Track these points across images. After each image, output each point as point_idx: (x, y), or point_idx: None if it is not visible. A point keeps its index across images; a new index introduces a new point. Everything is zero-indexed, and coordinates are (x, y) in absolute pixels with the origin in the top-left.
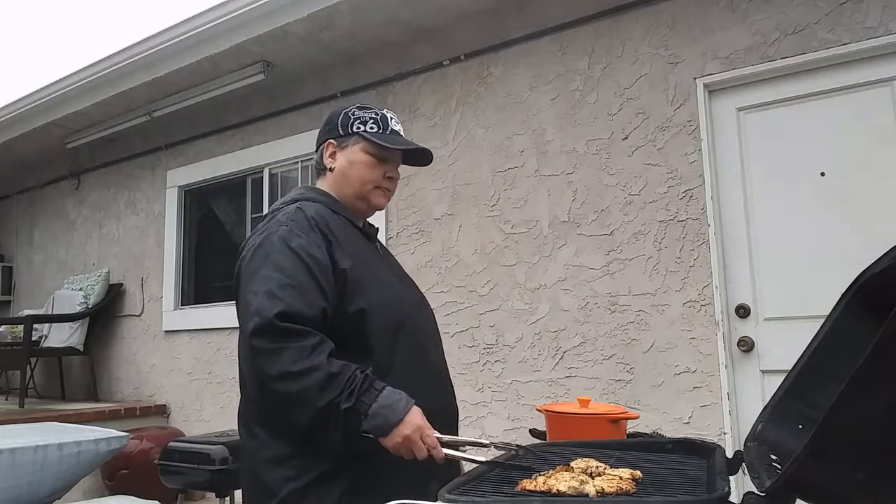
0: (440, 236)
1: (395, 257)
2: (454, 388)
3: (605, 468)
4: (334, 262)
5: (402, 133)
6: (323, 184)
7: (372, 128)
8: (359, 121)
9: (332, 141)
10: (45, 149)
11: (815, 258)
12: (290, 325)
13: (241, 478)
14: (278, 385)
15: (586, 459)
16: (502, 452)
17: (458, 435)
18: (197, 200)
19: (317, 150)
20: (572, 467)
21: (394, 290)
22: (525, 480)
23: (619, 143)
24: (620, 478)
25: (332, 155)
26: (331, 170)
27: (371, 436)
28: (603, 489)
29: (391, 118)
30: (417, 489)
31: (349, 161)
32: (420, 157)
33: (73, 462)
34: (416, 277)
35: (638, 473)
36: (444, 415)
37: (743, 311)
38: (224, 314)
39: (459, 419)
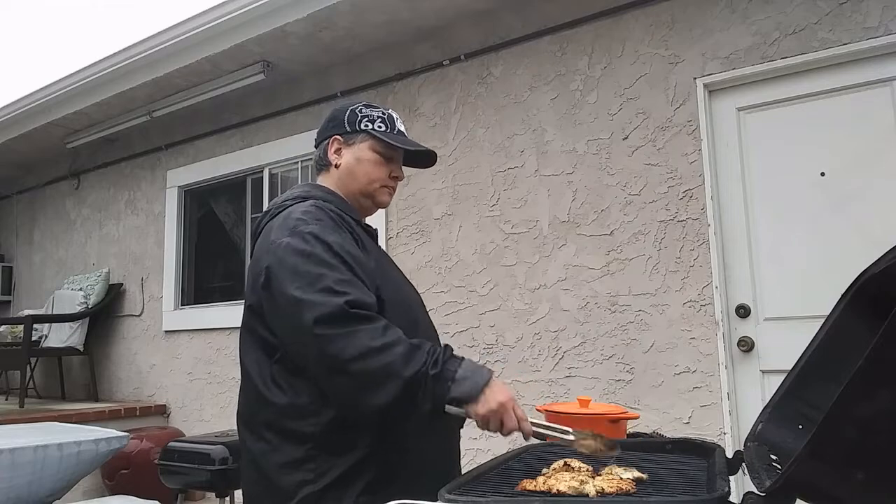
0: (440, 236)
1: (395, 257)
2: None
3: (604, 468)
4: (365, 258)
5: (406, 133)
6: (326, 180)
7: (380, 126)
8: (367, 118)
9: (338, 137)
10: (45, 149)
11: (815, 258)
12: (359, 310)
13: (244, 482)
14: (360, 364)
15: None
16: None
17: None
18: (197, 200)
19: (318, 146)
20: (572, 467)
21: (405, 290)
22: (525, 480)
23: (619, 143)
24: (620, 478)
25: (338, 151)
26: (336, 166)
27: (457, 408)
28: (603, 489)
29: (397, 118)
30: (432, 489)
31: (356, 158)
32: (422, 159)
33: (73, 462)
34: (416, 277)
35: (638, 473)
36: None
37: (743, 311)
38: (224, 314)
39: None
